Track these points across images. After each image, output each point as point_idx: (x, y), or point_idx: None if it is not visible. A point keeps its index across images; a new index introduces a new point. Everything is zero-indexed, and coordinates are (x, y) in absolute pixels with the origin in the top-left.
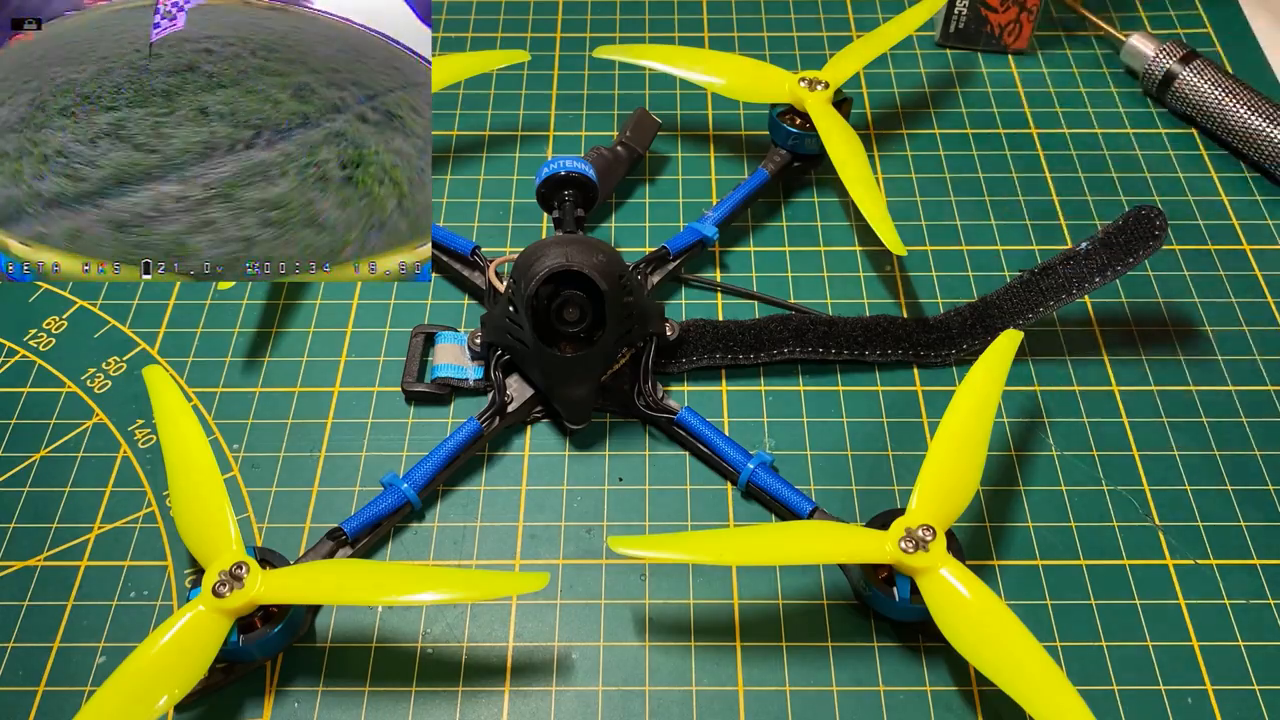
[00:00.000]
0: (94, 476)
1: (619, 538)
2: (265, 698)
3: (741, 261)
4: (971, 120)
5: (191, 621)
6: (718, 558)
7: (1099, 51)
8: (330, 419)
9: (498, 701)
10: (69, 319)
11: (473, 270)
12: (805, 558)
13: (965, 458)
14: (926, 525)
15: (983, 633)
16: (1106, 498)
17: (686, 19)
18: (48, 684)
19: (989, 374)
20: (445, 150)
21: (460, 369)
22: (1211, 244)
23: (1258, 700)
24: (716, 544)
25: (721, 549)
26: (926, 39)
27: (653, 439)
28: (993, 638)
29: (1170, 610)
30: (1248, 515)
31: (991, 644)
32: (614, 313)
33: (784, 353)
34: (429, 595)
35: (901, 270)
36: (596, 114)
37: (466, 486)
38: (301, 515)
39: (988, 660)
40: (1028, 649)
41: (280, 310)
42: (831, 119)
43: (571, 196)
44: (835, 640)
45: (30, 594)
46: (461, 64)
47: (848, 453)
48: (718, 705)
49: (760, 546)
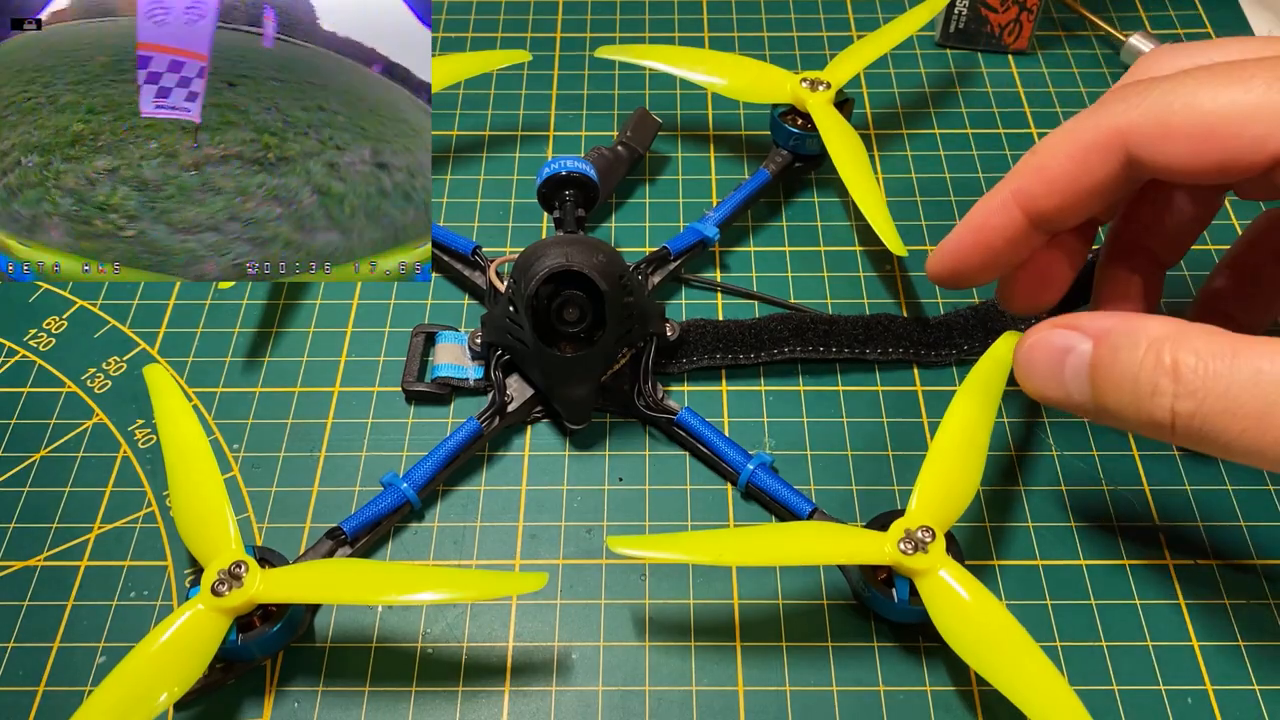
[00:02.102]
0: (94, 476)
1: (618, 538)
2: (265, 697)
3: (741, 261)
4: (971, 120)
5: (190, 620)
6: (717, 558)
7: (1099, 51)
8: (330, 419)
9: (498, 701)
10: (69, 319)
11: (473, 270)
12: (804, 558)
13: (965, 459)
14: (926, 527)
15: (981, 635)
16: (1107, 498)
17: (686, 19)
18: (48, 684)
19: (988, 375)
20: (445, 150)
21: (460, 369)
22: (1211, 244)
23: (1258, 700)
24: (715, 544)
25: (721, 549)
26: (926, 39)
27: (653, 439)
28: (991, 640)
29: (1170, 610)
30: (1248, 515)
31: (990, 646)
32: (614, 313)
33: (784, 352)
34: (429, 595)
35: (901, 270)
36: (596, 114)
37: (466, 486)
38: (301, 515)
39: (986, 662)
40: (1026, 651)
41: (280, 310)
42: (833, 120)
43: (572, 196)
44: (835, 640)
45: (30, 594)
46: (461, 64)
47: (848, 453)
48: (718, 705)
49: (759, 547)
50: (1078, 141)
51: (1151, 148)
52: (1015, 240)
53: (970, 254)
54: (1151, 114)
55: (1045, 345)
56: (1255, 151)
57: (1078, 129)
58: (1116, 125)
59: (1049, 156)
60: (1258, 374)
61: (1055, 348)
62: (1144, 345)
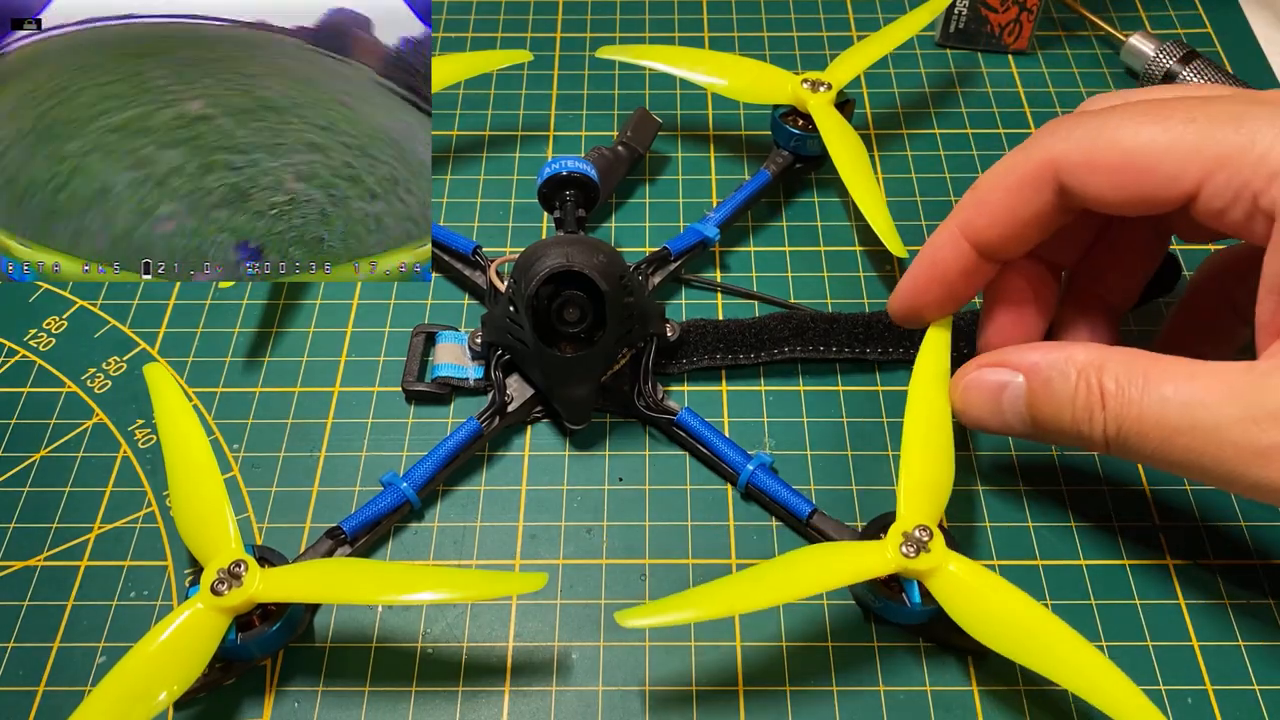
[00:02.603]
0: (94, 476)
1: (625, 611)
2: (265, 697)
3: (742, 261)
4: (971, 120)
5: (190, 619)
6: (728, 609)
7: (1099, 51)
8: (330, 419)
9: (498, 701)
10: (69, 319)
11: (474, 270)
12: (812, 589)
13: (936, 448)
14: (921, 526)
15: (1006, 620)
16: (1107, 498)
17: (686, 19)
18: (48, 684)
19: (933, 364)
20: (445, 150)
21: (460, 369)
22: (1211, 244)
23: (1258, 700)
24: (723, 595)
25: (729, 599)
26: (926, 39)
27: (653, 439)
28: (1017, 622)
29: (1170, 610)
30: (1248, 515)
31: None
32: (614, 313)
33: (785, 352)
34: (428, 595)
35: (901, 270)
36: (596, 114)
37: (466, 486)
38: (301, 515)
39: (1017, 645)
40: (1053, 627)
41: (280, 310)
42: (834, 121)
43: (573, 196)
44: (835, 640)
45: (30, 594)
46: (461, 64)
47: (848, 453)
48: (718, 705)
49: (766, 589)
50: (1013, 173)
51: (1079, 179)
52: (967, 272)
53: (927, 289)
54: (1079, 146)
55: (980, 383)
56: (1169, 187)
57: (1013, 162)
58: (1048, 157)
59: (987, 191)
60: (1163, 401)
61: (990, 384)
62: (1074, 374)
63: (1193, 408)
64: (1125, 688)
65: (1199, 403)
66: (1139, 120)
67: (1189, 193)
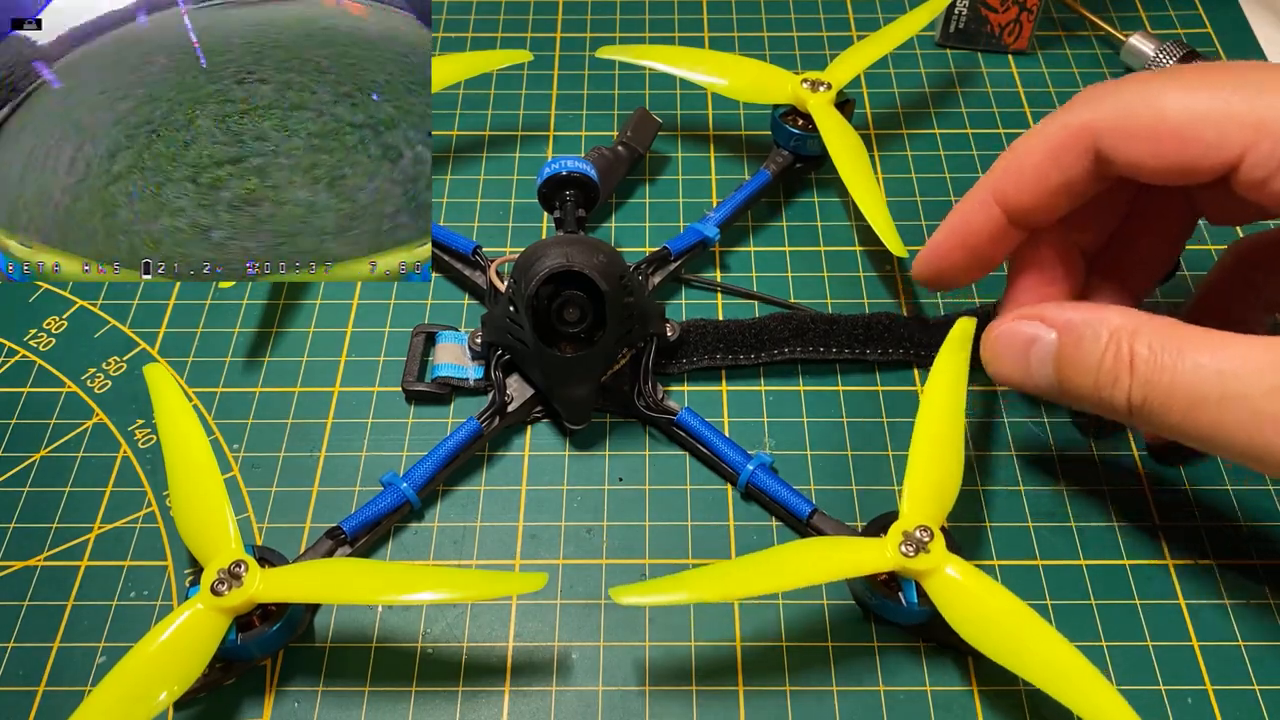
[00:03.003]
0: (94, 476)
1: (620, 588)
2: (265, 697)
3: (742, 261)
4: (971, 120)
5: (190, 619)
6: (722, 594)
7: (1099, 51)
8: (330, 419)
9: (498, 701)
10: (69, 319)
11: (474, 270)
12: (808, 579)
13: (946, 450)
14: (923, 526)
15: (998, 625)
16: (1107, 498)
17: (686, 19)
18: (48, 684)
19: (952, 364)
20: (445, 150)
21: (460, 369)
22: (1211, 243)
23: (1258, 700)
24: (719, 579)
25: (725, 584)
26: (926, 39)
27: (653, 439)
28: (1010, 629)
29: (1170, 610)
30: (1248, 515)
31: (1010, 636)
32: (614, 313)
33: (785, 352)
34: (428, 595)
35: (901, 270)
36: (596, 114)
37: (466, 486)
38: (301, 515)
39: (1007, 652)
40: (1045, 636)
41: (280, 310)
42: (834, 121)
43: (573, 196)
44: (835, 640)
45: (30, 594)
46: (461, 64)
47: (848, 453)
48: (718, 705)
49: (762, 575)
50: (1050, 139)
51: (1117, 145)
52: (995, 237)
53: (953, 254)
54: (1118, 112)
55: (1012, 334)
56: (1210, 156)
57: (1050, 127)
58: (1085, 122)
59: (1023, 154)
60: (1198, 368)
61: (1021, 336)
62: (1105, 336)
63: (1226, 377)
64: (1111, 699)
65: (1232, 373)
66: (1183, 86)
67: (1231, 161)
